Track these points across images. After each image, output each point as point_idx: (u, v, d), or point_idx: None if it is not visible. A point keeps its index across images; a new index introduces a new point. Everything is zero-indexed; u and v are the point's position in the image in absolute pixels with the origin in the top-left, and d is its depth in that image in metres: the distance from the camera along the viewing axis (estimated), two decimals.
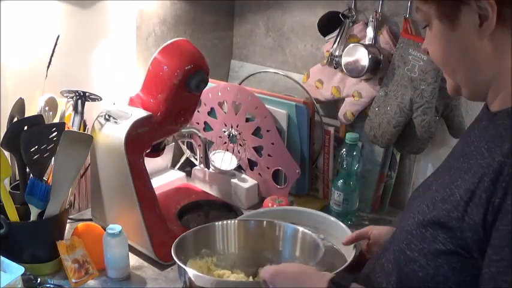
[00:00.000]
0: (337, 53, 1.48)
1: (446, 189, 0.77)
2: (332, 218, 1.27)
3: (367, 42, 1.44)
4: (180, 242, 1.08)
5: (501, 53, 0.76)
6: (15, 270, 1.02)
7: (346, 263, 1.05)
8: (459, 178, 0.76)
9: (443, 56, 0.80)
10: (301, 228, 1.12)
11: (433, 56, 0.83)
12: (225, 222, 1.16)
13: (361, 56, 1.39)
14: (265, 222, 1.17)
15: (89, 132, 1.26)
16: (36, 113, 1.21)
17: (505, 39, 0.75)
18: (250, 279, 1.09)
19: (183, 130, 1.40)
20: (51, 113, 1.25)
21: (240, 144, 1.55)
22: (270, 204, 1.43)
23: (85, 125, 1.29)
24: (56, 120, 1.26)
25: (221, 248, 1.14)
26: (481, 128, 0.81)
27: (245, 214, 1.27)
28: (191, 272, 0.96)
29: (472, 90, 0.81)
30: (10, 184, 1.18)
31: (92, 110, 1.31)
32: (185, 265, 1.03)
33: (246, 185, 1.53)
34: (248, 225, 1.17)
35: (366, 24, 1.45)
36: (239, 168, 1.58)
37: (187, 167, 1.68)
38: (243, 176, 1.57)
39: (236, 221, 1.18)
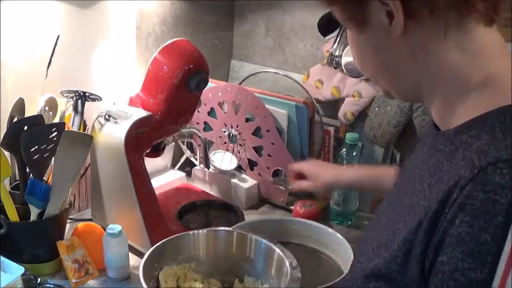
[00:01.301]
0: (337, 53, 1.48)
1: (390, 230, 0.67)
2: (330, 230, 1.24)
3: None
4: (156, 251, 1.04)
5: (419, 50, 0.66)
6: (15, 270, 1.02)
7: (342, 275, 1.05)
8: (402, 219, 0.66)
9: (359, 61, 0.73)
10: (277, 249, 1.05)
11: (354, 62, 0.75)
12: (196, 232, 1.12)
13: None
14: (235, 233, 1.12)
15: (89, 132, 1.26)
16: (36, 113, 1.21)
17: (420, 35, 0.64)
18: None
19: (183, 130, 1.40)
20: (51, 113, 1.25)
21: (240, 144, 1.55)
22: (298, 208, 1.43)
23: (85, 125, 1.29)
24: (56, 120, 1.26)
25: (199, 255, 1.11)
26: (427, 148, 0.71)
27: (238, 224, 1.24)
28: None
29: (401, 94, 0.73)
30: (10, 184, 1.18)
31: (92, 110, 1.31)
32: (159, 272, 1.03)
33: (246, 185, 1.53)
34: (218, 235, 1.13)
35: None
36: (239, 168, 1.58)
37: (187, 167, 1.68)
38: (243, 176, 1.57)
39: (205, 231, 1.13)
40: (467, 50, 0.64)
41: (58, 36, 1.23)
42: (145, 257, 1.01)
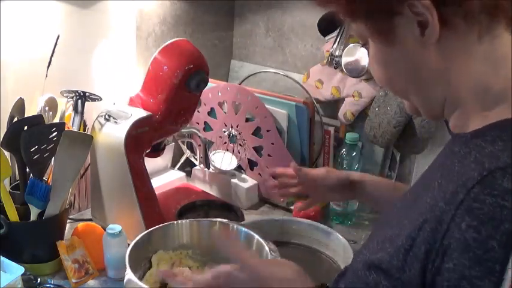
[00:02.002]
0: (337, 53, 1.48)
1: (397, 226, 0.67)
2: (330, 230, 1.24)
3: None
4: (148, 235, 1.09)
5: (451, 61, 0.64)
6: (15, 270, 1.02)
7: (338, 273, 1.04)
8: (408, 216, 0.65)
9: (387, 77, 0.69)
10: (256, 236, 1.07)
11: (376, 78, 0.71)
12: (180, 222, 1.15)
13: (361, 56, 1.39)
14: (217, 222, 1.15)
15: (89, 132, 1.26)
16: (36, 113, 1.21)
17: (453, 43, 0.62)
18: None
19: (183, 130, 1.40)
20: (51, 113, 1.25)
21: (240, 144, 1.55)
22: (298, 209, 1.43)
23: (85, 125, 1.29)
24: (56, 120, 1.26)
25: (190, 243, 1.14)
26: (444, 150, 0.71)
27: (243, 222, 1.26)
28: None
29: (429, 110, 0.71)
30: (10, 184, 1.18)
31: (92, 110, 1.31)
32: (152, 255, 1.08)
33: (246, 185, 1.53)
34: (201, 225, 1.15)
35: None
36: (239, 168, 1.58)
37: (187, 167, 1.68)
38: (243, 176, 1.57)
39: (189, 221, 1.16)
40: (491, 58, 0.63)
41: (58, 36, 1.23)
42: (135, 240, 1.06)
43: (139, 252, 1.06)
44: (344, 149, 1.44)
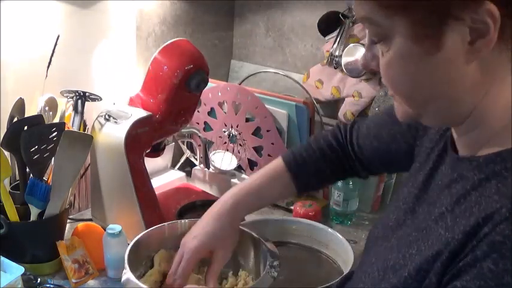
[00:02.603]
0: (337, 53, 1.48)
1: (400, 253, 0.63)
2: (330, 230, 1.23)
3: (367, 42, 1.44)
4: (148, 235, 1.08)
5: (490, 76, 0.57)
6: (15, 270, 1.02)
7: (342, 275, 1.04)
8: (415, 245, 0.61)
9: (411, 85, 0.60)
10: (265, 246, 1.04)
11: (392, 82, 0.61)
12: (183, 221, 1.14)
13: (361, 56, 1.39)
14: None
15: (89, 132, 1.26)
16: (36, 113, 1.21)
17: (498, 58, 0.56)
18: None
19: (183, 130, 1.40)
20: (51, 113, 1.25)
21: (240, 144, 1.55)
22: (298, 208, 1.43)
23: (85, 125, 1.29)
24: (56, 120, 1.26)
25: None
26: (448, 169, 0.65)
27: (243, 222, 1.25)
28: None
29: (442, 122, 0.65)
30: (10, 184, 1.18)
31: (92, 110, 1.31)
32: (155, 254, 1.07)
33: None
34: None
35: None
36: (239, 168, 1.58)
37: (187, 167, 1.68)
38: (243, 176, 1.57)
39: (188, 220, 1.14)
40: None
41: (58, 36, 1.23)
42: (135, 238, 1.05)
43: (140, 252, 1.06)
44: None
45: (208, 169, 1.55)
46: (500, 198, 0.54)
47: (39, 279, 1.08)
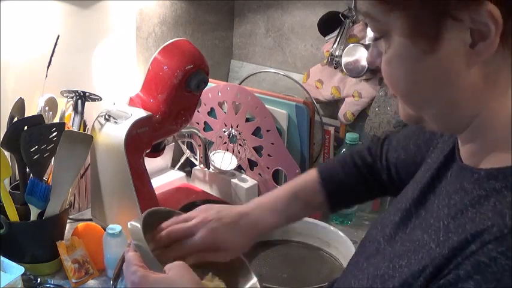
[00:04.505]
0: (337, 53, 1.48)
1: (390, 263, 0.61)
2: (332, 228, 1.24)
3: (367, 42, 1.44)
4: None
5: (494, 83, 0.54)
6: (15, 270, 1.02)
7: (342, 274, 1.04)
8: (406, 256, 0.59)
9: (408, 84, 0.58)
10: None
11: (391, 81, 0.59)
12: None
13: (361, 56, 1.39)
14: None
15: (89, 132, 1.26)
16: (36, 113, 1.21)
17: (502, 64, 0.54)
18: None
19: (183, 130, 1.40)
20: (51, 113, 1.25)
21: (240, 144, 1.55)
22: None
23: (85, 125, 1.29)
24: (56, 120, 1.26)
25: None
26: (453, 177, 0.62)
27: None
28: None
29: (443, 127, 0.62)
30: (10, 184, 1.18)
31: (92, 110, 1.31)
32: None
33: (246, 185, 1.53)
34: None
35: (366, 24, 1.45)
36: (239, 168, 1.58)
37: (187, 167, 1.68)
38: (243, 176, 1.57)
39: None
40: None
41: (58, 36, 1.23)
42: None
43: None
44: (344, 149, 1.44)
45: (208, 169, 1.55)
46: (493, 216, 0.51)
47: (39, 279, 1.08)
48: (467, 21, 0.51)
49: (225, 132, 1.56)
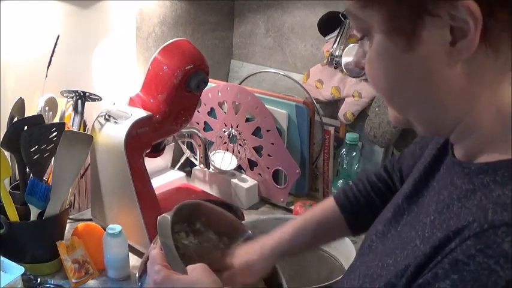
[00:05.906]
0: (337, 53, 1.48)
1: (380, 262, 0.59)
2: None
3: None
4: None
5: (479, 83, 0.53)
6: (15, 270, 1.02)
7: (342, 275, 1.04)
8: (394, 254, 0.57)
9: (389, 84, 0.56)
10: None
11: (373, 80, 0.58)
12: None
13: None
14: None
15: (89, 132, 1.26)
16: (36, 113, 1.21)
17: (486, 63, 0.51)
18: None
19: (183, 130, 1.40)
20: (51, 113, 1.25)
21: (240, 144, 1.55)
22: (298, 208, 1.43)
23: (85, 125, 1.29)
24: (56, 120, 1.26)
25: None
26: (446, 173, 0.60)
27: (244, 221, 1.24)
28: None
29: (429, 129, 0.60)
30: (10, 184, 1.18)
31: (92, 110, 1.31)
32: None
33: (246, 185, 1.53)
34: None
35: None
36: (239, 168, 1.58)
37: (187, 167, 1.68)
38: (243, 176, 1.57)
39: None
40: None
41: (58, 36, 1.23)
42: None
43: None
44: (344, 149, 1.44)
45: (208, 169, 1.55)
46: (476, 211, 0.49)
47: (39, 279, 1.08)
48: (446, 17, 0.49)
49: (225, 132, 1.56)
